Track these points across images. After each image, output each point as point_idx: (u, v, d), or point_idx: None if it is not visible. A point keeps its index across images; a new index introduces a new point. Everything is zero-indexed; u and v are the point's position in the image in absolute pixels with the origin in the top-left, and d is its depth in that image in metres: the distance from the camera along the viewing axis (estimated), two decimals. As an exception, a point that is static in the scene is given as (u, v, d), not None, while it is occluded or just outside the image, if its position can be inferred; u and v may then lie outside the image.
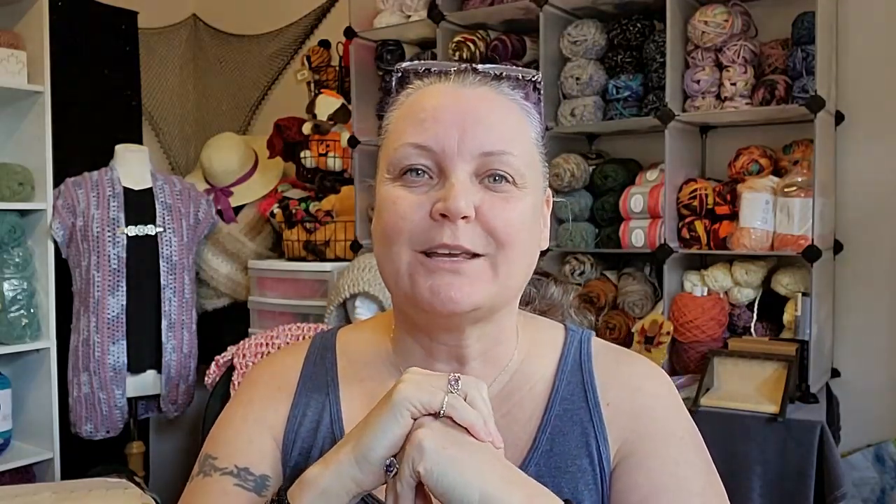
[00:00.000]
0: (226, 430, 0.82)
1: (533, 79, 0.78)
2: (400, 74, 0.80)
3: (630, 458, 0.76)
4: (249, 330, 2.75)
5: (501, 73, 0.76)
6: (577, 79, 2.30)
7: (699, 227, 2.17)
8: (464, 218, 0.70)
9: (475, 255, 0.71)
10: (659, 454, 0.75)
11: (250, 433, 0.80)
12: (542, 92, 0.80)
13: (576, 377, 0.81)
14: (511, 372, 0.81)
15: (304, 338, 2.15)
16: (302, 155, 2.84)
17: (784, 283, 2.11)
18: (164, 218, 2.67)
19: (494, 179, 0.72)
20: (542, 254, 0.81)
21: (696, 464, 0.76)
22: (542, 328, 0.87)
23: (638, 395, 0.79)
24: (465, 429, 0.65)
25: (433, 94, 0.75)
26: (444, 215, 0.70)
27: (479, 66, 0.76)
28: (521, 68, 0.79)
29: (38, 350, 2.56)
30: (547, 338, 0.85)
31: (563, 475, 0.75)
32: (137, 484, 2.32)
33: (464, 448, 0.64)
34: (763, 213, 2.07)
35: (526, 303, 0.94)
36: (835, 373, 2.22)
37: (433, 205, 0.70)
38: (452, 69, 0.77)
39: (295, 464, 0.79)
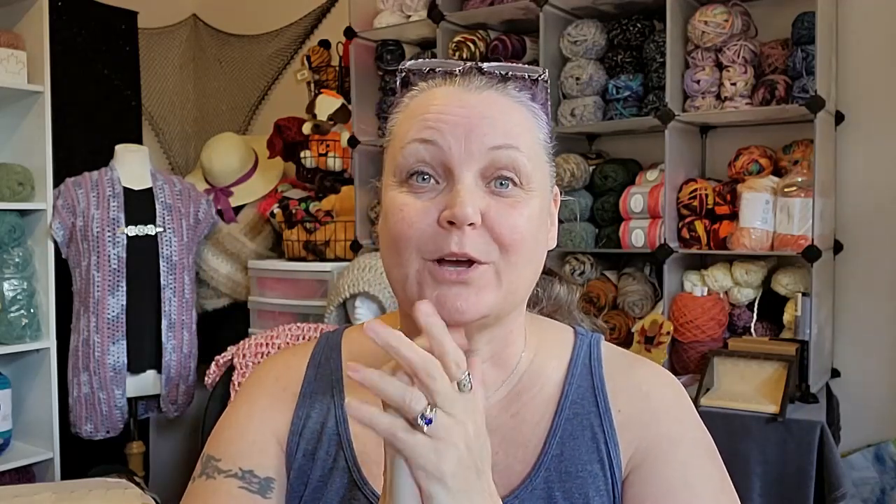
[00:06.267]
0: (229, 431, 0.80)
1: (540, 77, 0.76)
2: (403, 75, 0.77)
3: (643, 466, 0.75)
4: (249, 330, 2.75)
5: (507, 74, 0.74)
6: (577, 79, 2.30)
7: (699, 227, 2.17)
8: (470, 224, 0.68)
9: (480, 263, 0.69)
10: (672, 461, 0.74)
11: (254, 435, 0.79)
12: (549, 91, 0.78)
13: (586, 381, 0.80)
14: (520, 373, 0.79)
15: (304, 338, 2.17)
16: (302, 155, 2.84)
17: (784, 283, 2.11)
18: (164, 218, 2.67)
19: (501, 184, 0.70)
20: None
21: (709, 470, 0.76)
22: (551, 330, 0.85)
23: (649, 401, 0.78)
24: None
25: (438, 97, 0.73)
26: (451, 222, 0.68)
27: (485, 66, 0.74)
28: (527, 66, 0.76)
29: (38, 350, 2.56)
30: (555, 340, 0.84)
31: (573, 480, 0.74)
32: (137, 484, 2.32)
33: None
34: (763, 213, 2.07)
35: (533, 304, 0.92)
36: (835, 373, 2.22)
37: (440, 212, 0.69)
38: (457, 69, 0.74)
39: (299, 466, 0.78)
